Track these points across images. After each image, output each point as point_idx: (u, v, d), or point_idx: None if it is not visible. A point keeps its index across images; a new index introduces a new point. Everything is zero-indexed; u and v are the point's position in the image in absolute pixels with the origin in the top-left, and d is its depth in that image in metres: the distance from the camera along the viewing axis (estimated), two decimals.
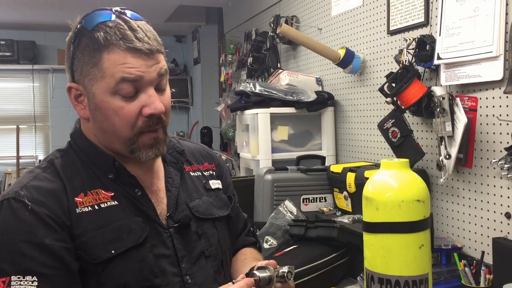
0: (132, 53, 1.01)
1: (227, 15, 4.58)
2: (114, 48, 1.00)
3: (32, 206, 0.98)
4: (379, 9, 2.20)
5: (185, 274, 1.09)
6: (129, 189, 1.09)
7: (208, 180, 1.26)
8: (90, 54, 1.02)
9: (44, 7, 4.89)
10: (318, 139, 2.65)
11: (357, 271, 1.71)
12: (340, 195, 2.18)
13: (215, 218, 1.20)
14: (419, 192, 1.07)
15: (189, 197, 1.18)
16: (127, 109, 1.03)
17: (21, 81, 6.35)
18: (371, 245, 1.09)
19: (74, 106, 1.08)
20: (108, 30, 1.01)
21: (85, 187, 1.06)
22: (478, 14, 1.62)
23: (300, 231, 1.87)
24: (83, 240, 1.01)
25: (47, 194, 1.01)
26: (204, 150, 1.34)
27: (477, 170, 1.69)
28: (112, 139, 1.07)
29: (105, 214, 1.05)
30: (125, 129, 1.04)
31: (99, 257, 1.01)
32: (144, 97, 1.03)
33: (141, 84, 1.02)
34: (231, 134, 3.98)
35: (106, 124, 1.05)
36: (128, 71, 1.00)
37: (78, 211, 1.02)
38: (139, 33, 1.02)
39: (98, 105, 1.04)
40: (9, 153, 6.16)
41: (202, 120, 5.98)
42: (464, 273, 1.52)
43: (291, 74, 2.72)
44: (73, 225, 1.01)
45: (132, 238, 1.04)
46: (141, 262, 1.04)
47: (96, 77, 1.02)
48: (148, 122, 1.04)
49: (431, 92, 1.76)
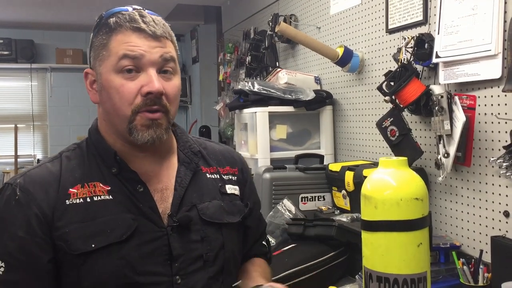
0: (137, 33, 1.06)
1: (226, 14, 4.58)
2: (121, 29, 1.06)
3: (19, 196, 1.04)
4: (377, 8, 2.19)
5: (176, 274, 1.07)
6: (130, 185, 1.09)
7: (225, 184, 1.23)
8: (102, 38, 1.08)
9: (43, 5, 4.88)
10: (316, 138, 2.65)
11: (356, 269, 1.71)
12: (338, 194, 2.18)
13: (222, 223, 1.16)
14: (418, 190, 1.07)
15: (199, 198, 1.16)
16: (127, 86, 1.05)
17: (19, 80, 6.34)
18: (370, 243, 1.09)
19: (88, 92, 1.13)
20: (120, 16, 1.08)
21: (84, 179, 1.08)
22: (477, 12, 1.61)
23: (299, 229, 1.86)
24: (66, 231, 1.03)
25: (37, 184, 1.06)
26: (229, 153, 1.31)
27: (475, 169, 1.69)
28: (114, 120, 1.09)
29: (95, 207, 1.06)
30: (124, 107, 1.06)
31: (78, 249, 1.02)
32: (144, 77, 1.06)
33: (142, 63, 1.05)
34: (229, 133, 3.98)
35: (109, 104, 1.08)
36: (130, 49, 1.05)
37: (68, 202, 1.05)
38: (147, 18, 1.08)
39: (103, 84, 1.08)
40: (7, 152, 6.16)
41: (201, 119, 5.97)
42: (462, 271, 1.52)
43: (290, 72, 2.72)
44: (56, 216, 1.04)
45: (116, 234, 1.04)
46: (122, 259, 1.03)
47: (104, 58, 1.07)
48: (145, 101, 1.05)
49: (429, 90, 1.76)
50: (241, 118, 2.76)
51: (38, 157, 6.35)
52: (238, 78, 3.84)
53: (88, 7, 4.77)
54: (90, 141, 1.15)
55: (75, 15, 5.27)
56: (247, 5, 3.87)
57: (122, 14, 1.08)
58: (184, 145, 1.21)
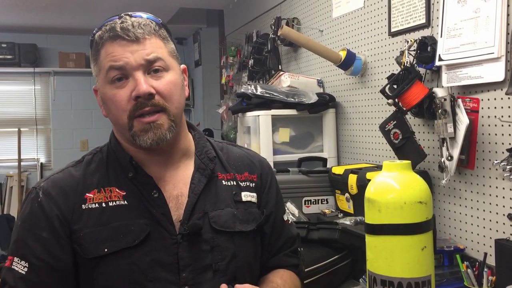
0: (116, 41, 1.07)
1: (228, 17, 4.59)
2: (105, 42, 1.08)
3: (41, 199, 1.08)
4: (380, 11, 2.20)
5: (185, 284, 1.06)
6: (145, 190, 1.10)
7: (242, 191, 1.19)
8: (93, 55, 1.12)
9: (45, 10, 4.90)
10: (319, 141, 2.65)
11: (360, 273, 1.71)
12: (342, 197, 2.17)
13: (234, 232, 1.13)
14: (421, 193, 1.06)
15: (212, 206, 1.13)
16: (118, 95, 1.07)
17: (22, 84, 6.35)
18: (374, 247, 1.09)
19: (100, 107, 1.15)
20: (103, 29, 1.09)
21: (101, 184, 1.11)
22: (479, 15, 1.61)
23: (302, 233, 1.86)
24: (80, 234, 1.06)
25: (58, 188, 1.10)
26: (248, 159, 1.26)
27: (479, 172, 1.69)
28: (120, 129, 1.12)
29: (110, 212, 1.08)
30: (121, 115, 1.08)
31: (91, 253, 1.04)
32: (132, 82, 1.07)
33: (128, 69, 1.06)
34: (232, 136, 3.98)
35: (111, 116, 1.11)
36: (113, 59, 1.06)
37: (84, 207, 1.08)
38: (126, 23, 1.07)
39: (103, 98, 1.11)
40: (10, 156, 6.16)
41: (204, 122, 5.97)
42: (466, 274, 1.51)
43: (292, 76, 2.72)
44: (74, 220, 1.07)
45: (128, 239, 1.05)
46: (133, 264, 1.04)
47: (98, 73, 1.11)
48: (136, 105, 1.06)
49: (432, 93, 1.76)
50: (244, 121, 2.76)
51: (42, 160, 6.35)
52: (241, 81, 3.84)
53: (91, 11, 4.78)
54: (110, 146, 1.18)
55: (78, 19, 5.28)
56: (249, 9, 3.87)
57: (105, 26, 1.09)
58: (201, 150, 1.19)
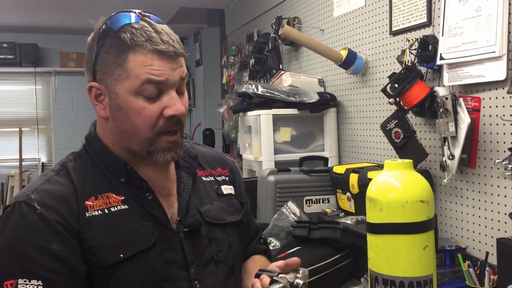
0: (158, 55, 1.02)
1: (229, 17, 4.59)
2: (140, 49, 1.01)
3: (40, 210, 0.99)
4: (381, 10, 2.19)
5: (194, 279, 1.09)
6: (140, 193, 1.09)
7: (221, 185, 1.25)
8: (115, 55, 1.03)
9: (46, 10, 4.90)
10: (320, 140, 2.64)
11: (361, 272, 1.71)
12: (343, 196, 2.17)
13: (226, 223, 1.19)
14: (423, 192, 1.06)
15: (200, 202, 1.17)
16: (149, 109, 1.03)
17: (23, 83, 6.37)
18: (375, 246, 1.09)
19: (93, 106, 1.09)
20: (134, 31, 1.02)
21: (96, 191, 1.06)
22: (481, 14, 1.61)
23: (303, 232, 1.86)
24: (92, 243, 1.01)
25: (56, 198, 1.02)
26: (218, 156, 1.33)
27: (480, 171, 1.69)
28: (130, 139, 1.08)
29: (115, 218, 1.05)
30: (146, 130, 1.05)
31: (108, 261, 1.01)
32: (166, 99, 1.04)
33: (165, 86, 1.04)
34: (233, 136, 3.98)
35: (126, 124, 1.06)
36: (154, 73, 1.02)
37: (88, 215, 1.03)
38: (164, 35, 1.04)
39: (120, 105, 1.04)
40: (12, 156, 6.18)
41: (205, 122, 5.98)
42: (468, 274, 1.51)
43: (293, 75, 2.72)
44: (82, 229, 1.01)
45: (141, 242, 1.04)
46: (149, 266, 1.04)
47: (120, 77, 1.03)
48: (168, 123, 1.05)
49: (434, 92, 1.76)
50: (245, 120, 2.76)
51: (43, 160, 6.37)
52: (242, 80, 3.84)
53: (92, 11, 4.78)
54: (91, 150, 1.12)
55: (79, 18, 5.28)
56: (250, 8, 3.87)
57: (135, 29, 1.02)
58: None
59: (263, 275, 1.07)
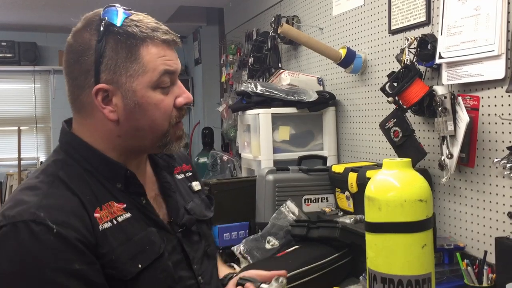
0: (167, 45, 1.03)
1: (228, 16, 4.58)
2: (151, 41, 1.00)
3: (57, 229, 0.89)
4: (380, 9, 2.19)
5: (198, 275, 1.11)
6: (136, 198, 1.05)
7: (191, 182, 1.26)
8: (127, 50, 0.98)
9: (45, 8, 4.90)
10: (319, 139, 2.64)
11: (360, 271, 1.71)
12: (342, 195, 2.17)
13: (208, 219, 1.23)
14: (422, 191, 1.06)
15: (183, 200, 1.18)
16: (166, 101, 1.03)
17: (22, 82, 6.36)
18: (374, 245, 1.09)
19: (101, 110, 1.00)
20: (138, 24, 1.00)
21: (98, 201, 0.99)
22: (480, 12, 1.61)
23: (302, 231, 1.86)
24: (113, 257, 0.95)
25: (69, 213, 0.93)
26: (180, 152, 1.28)
27: (479, 170, 1.69)
28: (145, 136, 1.03)
29: (123, 228, 1.00)
30: (164, 122, 1.03)
31: (129, 273, 0.96)
32: (176, 89, 1.05)
33: (175, 76, 1.05)
34: (232, 135, 3.98)
35: (144, 121, 1.01)
36: (169, 63, 1.02)
37: (101, 228, 0.96)
38: (162, 25, 1.04)
39: (138, 101, 1.00)
40: (10, 155, 6.17)
41: (204, 121, 5.97)
42: (466, 272, 1.51)
43: (292, 74, 2.71)
44: (99, 244, 0.94)
45: (154, 249, 1.02)
46: (163, 271, 1.03)
47: (137, 73, 0.99)
48: (180, 112, 1.06)
49: (433, 91, 1.76)
50: (244, 119, 2.76)
51: (42, 159, 6.35)
52: (241, 79, 3.84)
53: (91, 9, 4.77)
54: (78, 156, 1.03)
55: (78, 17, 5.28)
56: (249, 7, 3.87)
57: (137, 21, 1.00)
58: None
59: (247, 284, 1.13)
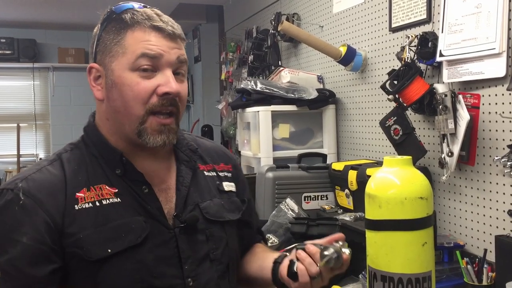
0: (155, 31, 1.04)
1: (228, 13, 4.58)
2: (139, 26, 1.04)
3: (23, 200, 0.98)
4: (380, 6, 2.19)
5: (187, 276, 1.06)
6: (136, 186, 1.06)
7: (222, 181, 1.22)
8: (115, 33, 1.05)
9: (44, 5, 4.89)
10: (319, 137, 2.64)
11: (359, 269, 1.71)
12: (341, 193, 2.17)
13: (224, 221, 1.16)
14: (422, 189, 1.06)
15: (200, 197, 1.14)
16: (142, 85, 1.03)
17: (21, 79, 6.35)
18: (374, 242, 1.09)
19: (91, 88, 1.08)
20: (135, 13, 1.05)
21: (89, 182, 1.04)
22: (481, 10, 1.61)
23: (302, 229, 1.86)
24: (80, 237, 0.99)
25: (43, 189, 1.00)
26: (221, 150, 1.30)
27: (479, 168, 1.69)
28: (123, 119, 1.05)
29: (106, 211, 1.02)
30: (137, 106, 1.03)
31: (94, 255, 0.98)
32: (161, 77, 1.04)
33: (160, 63, 1.04)
34: (232, 132, 3.98)
35: (119, 102, 1.04)
36: (149, 47, 1.02)
37: (78, 207, 1.01)
38: (164, 17, 1.07)
39: (115, 81, 1.04)
40: (9, 152, 6.16)
41: (203, 118, 5.97)
42: (466, 271, 1.51)
43: (292, 71, 2.71)
44: (66, 223, 0.99)
45: (131, 237, 1.01)
46: (138, 263, 1.01)
47: (117, 54, 1.04)
48: (161, 101, 1.04)
49: (433, 89, 1.75)
50: (243, 117, 2.76)
51: (41, 156, 6.35)
52: (240, 77, 3.83)
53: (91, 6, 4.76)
54: (89, 141, 1.10)
55: (77, 14, 5.27)
56: (249, 4, 3.86)
57: (136, 11, 1.05)
58: (181, 143, 1.18)
59: (308, 244, 1.06)
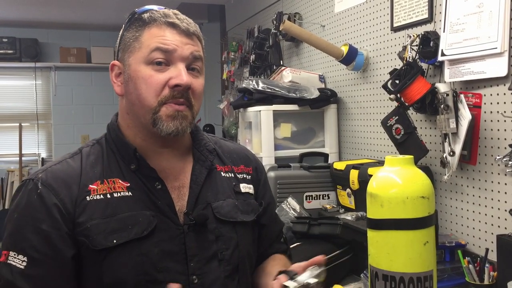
0: (170, 27, 1.10)
1: (229, 13, 4.58)
2: (155, 23, 1.10)
3: (41, 190, 1.05)
4: (382, 6, 2.19)
5: (192, 274, 1.08)
6: (149, 182, 1.10)
7: (240, 183, 1.23)
8: (134, 31, 1.11)
9: (46, 4, 4.89)
10: (321, 136, 2.64)
11: (361, 268, 1.71)
12: (343, 192, 2.17)
13: (236, 222, 1.17)
14: (424, 188, 1.06)
15: (214, 196, 1.16)
16: (155, 77, 1.08)
17: (23, 79, 6.35)
18: (376, 241, 1.09)
19: (112, 84, 1.15)
20: (154, 12, 1.12)
21: (103, 175, 1.10)
22: (483, 10, 1.61)
23: (303, 228, 1.86)
24: (87, 226, 1.04)
25: (59, 179, 1.07)
26: (243, 152, 1.32)
27: (481, 167, 1.69)
28: (138, 111, 1.10)
29: (115, 203, 1.07)
30: (150, 97, 1.07)
31: (99, 244, 1.03)
32: (173, 70, 1.08)
33: (173, 57, 1.08)
34: (233, 132, 3.98)
35: (134, 95, 1.09)
36: (163, 42, 1.08)
37: (89, 198, 1.06)
38: (180, 16, 1.13)
39: (131, 75, 1.10)
40: (11, 151, 6.16)
41: (205, 118, 5.97)
42: (468, 270, 1.51)
43: (294, 71, 2.71)
44: (77, 212, 1.05)
45: (136, 230, 1.05)
46: (143, 255, 1.04)
47: (134, 49, 1.10)
48: (172, 92, 1.08)
49: (435, 88, 1.75)
50: (245, 116, 2.76)
51: (43, 155, 6.35)
52: (242, 76, 3.83)
53: (92, 6, 4.77)
54: (109, 137, 1.16)
55: (79, 13, 5.27)
56: (251, 4, 3.86)
57: (156, 11, 1.11)
58: (199, 143, 1.22)
59: (281, 275, 1.08)
